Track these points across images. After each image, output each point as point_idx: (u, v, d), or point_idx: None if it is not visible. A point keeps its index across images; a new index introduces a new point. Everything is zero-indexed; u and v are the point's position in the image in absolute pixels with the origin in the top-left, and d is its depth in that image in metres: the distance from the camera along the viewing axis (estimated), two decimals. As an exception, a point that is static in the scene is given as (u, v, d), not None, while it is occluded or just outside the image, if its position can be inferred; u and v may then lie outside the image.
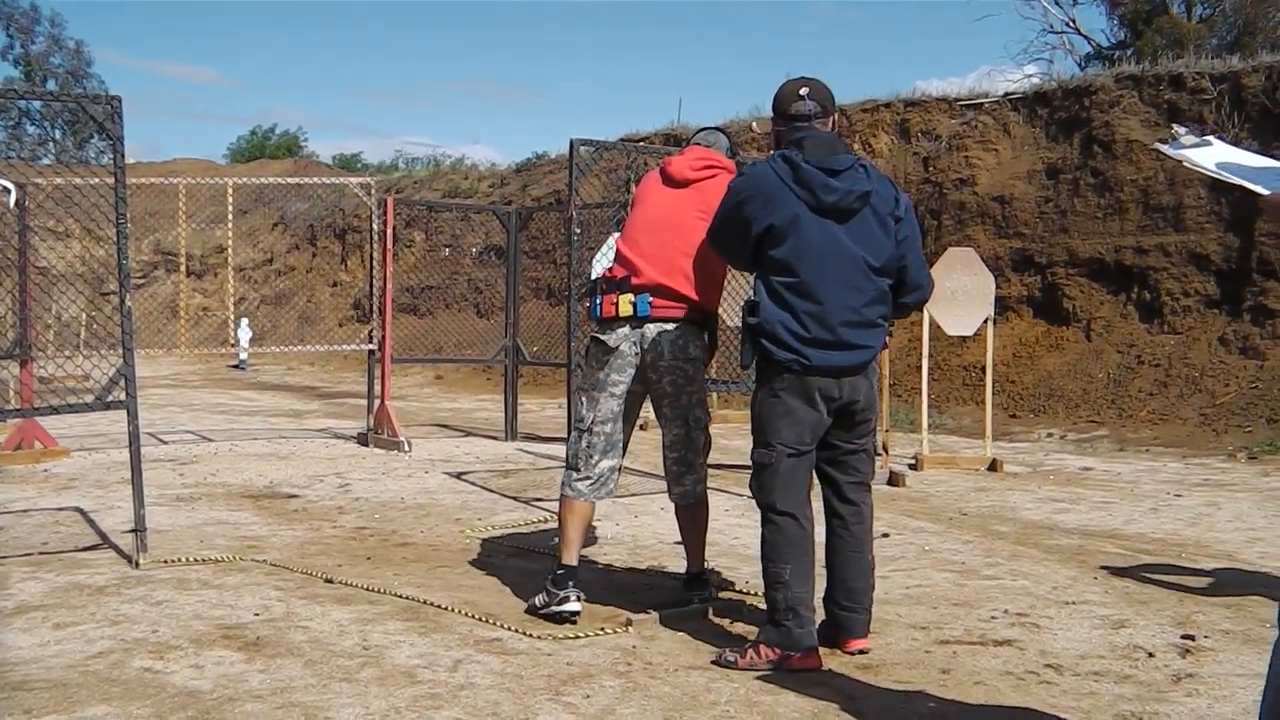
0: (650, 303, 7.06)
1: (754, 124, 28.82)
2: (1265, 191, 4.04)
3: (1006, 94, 25.03)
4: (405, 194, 38.59)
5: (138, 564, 8.41)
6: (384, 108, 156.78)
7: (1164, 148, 4.64)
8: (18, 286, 14.69)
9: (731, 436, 16.32)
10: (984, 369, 15.17)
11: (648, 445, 15.21)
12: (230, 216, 18.97)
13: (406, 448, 15.47)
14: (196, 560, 8.60)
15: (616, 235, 12.64)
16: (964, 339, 18.48)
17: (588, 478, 7.10)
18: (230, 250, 20.10)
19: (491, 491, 12.22)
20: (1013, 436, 18.27)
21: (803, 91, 6.48)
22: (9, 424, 15.50)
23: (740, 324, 6.39)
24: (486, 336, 26.19)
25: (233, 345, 28.85)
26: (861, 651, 6.38)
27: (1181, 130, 4.61)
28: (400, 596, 7.53)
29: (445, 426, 19.54)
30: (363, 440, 16.49)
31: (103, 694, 5.61)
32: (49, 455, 14.43)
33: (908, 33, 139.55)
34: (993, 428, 15.26)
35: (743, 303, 6.53)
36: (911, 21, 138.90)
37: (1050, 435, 18.33)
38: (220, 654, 6.24)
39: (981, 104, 24.88)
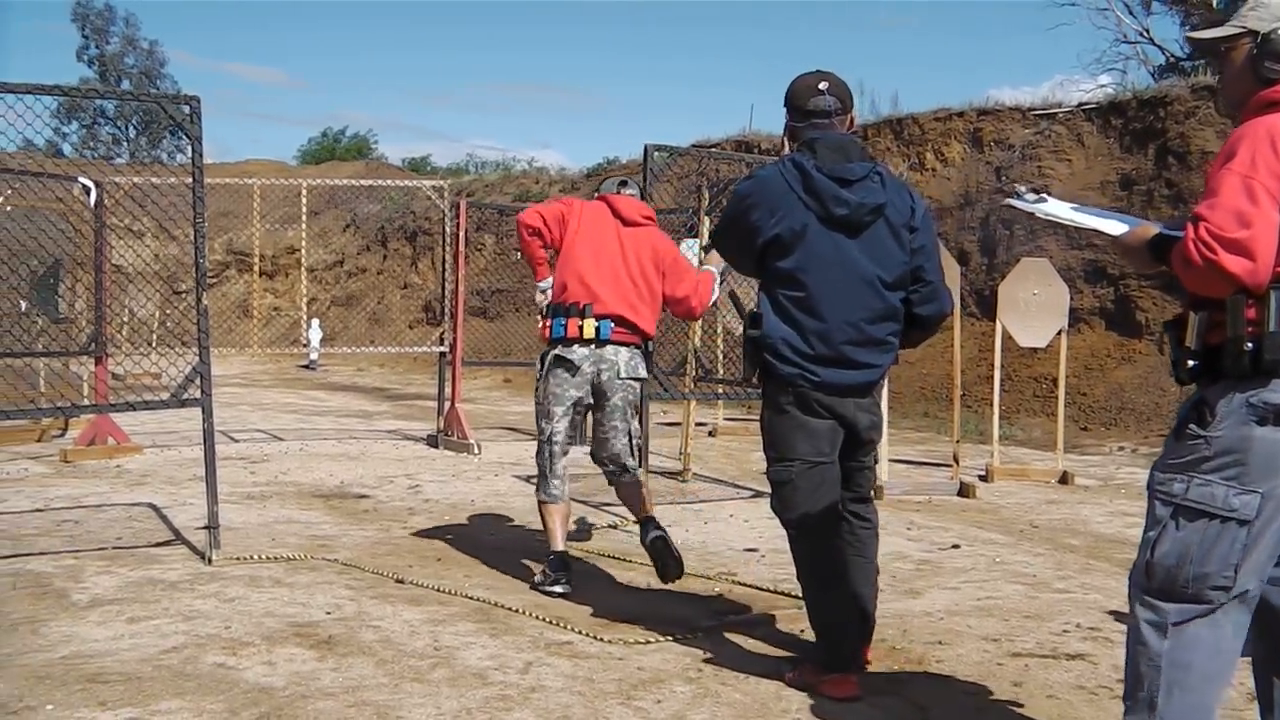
0: (611, 329, 7.93)
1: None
2: (1119, 232, 4.40)
3: (1080, 104, 24.86)
4: (476, 197, 38.57)
5: (210, 560, 8.47)
6: (453, 111, 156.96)
7: (1015, 202, 4.75)
8: (95, 284, 14.82)
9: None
10: (1055, 380, 15.07)
11: (716, 451, 15.23)
12: (304, 217, 19.11)
13: (476, 450, 15.49)
14: (268, 558, 8.66)
15: (688, 242, 12.80)
16: (1035, 350, 18.35)
17: (558, 479, 8.13)
18: (303, 251, 20.24)
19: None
20: (1083, 449, 18.14)
21: (822, 86, 6.11)
22: (83, 419, 15.65)
23: (743, 334, 6.22)
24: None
25: (304, 345, 28.96)
26: (864, 661, 6.19)
27: (1022, 188, 4.74)
28: (471, 598, 7.55)
29: (514, 430, 19.56)
30: (432, 442, 16.54)
31: (176, 688, 5.65)
32: (122, 451, 14.55)
33: (980, 40, 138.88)
34: (1064, 440, 15.16)
35: (747, 314, 6.27)
36: (984, 29, 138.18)
37: (1122, 448, 18.18)
38: (292, 651, 6.27)
39: (1055, 114, 24.73)
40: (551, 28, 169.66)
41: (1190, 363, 4.17)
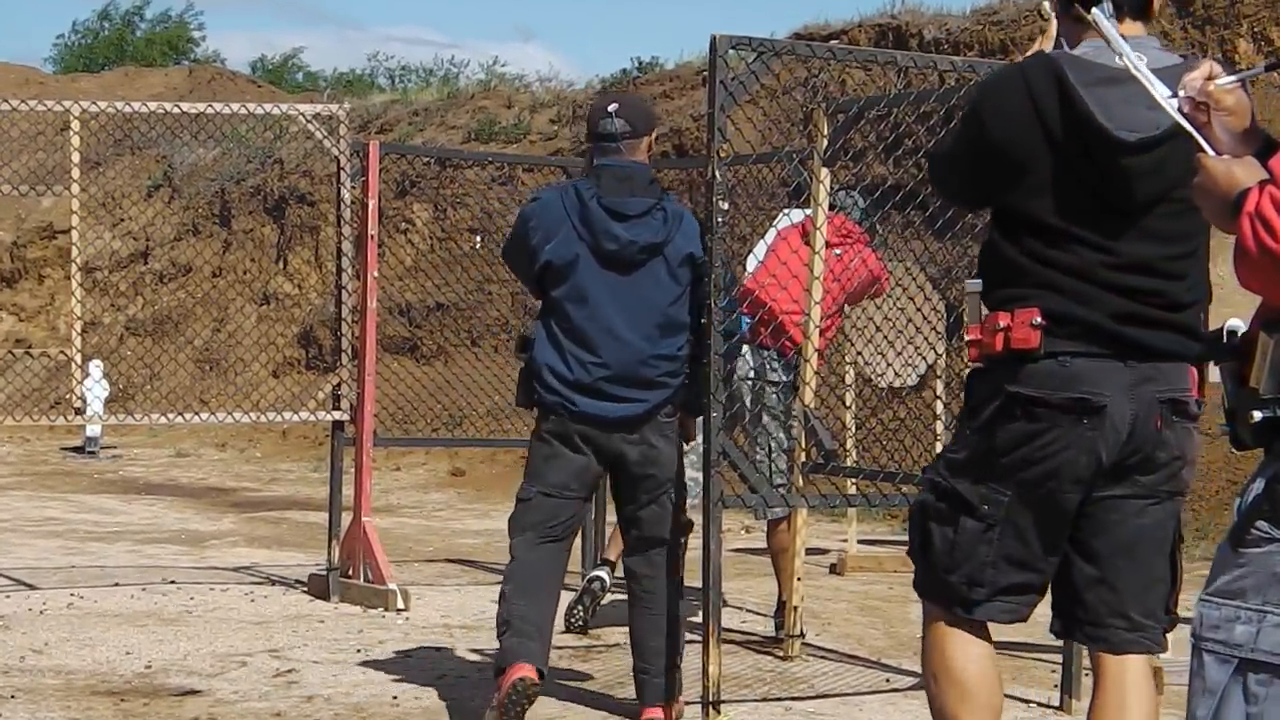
0: None
1: (1044, 4, 28.83)
2: (1206, 146, 4.79)
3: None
4: (397, 135, 38.78)
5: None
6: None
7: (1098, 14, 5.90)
8: None
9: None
10: None
11: (846, 603, 15.25)
12: (74, 170, 18.87)
13: (399, 602, 15.50)
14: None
15: (792, 214, 13.18)
16: None
17: None
18: (75, 233, 19.85)
19: (557, 683, 12.18)
20: None
21: (611, 108, 9.85)
22: None
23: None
24: (547, 398, 26.06)
25: (76, 410, 28.56)
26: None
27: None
28: None
29: (468, 563, 19.60)
30: (319, 588, 16.56)
31: None
32: None
33: None
34: None
35: (517, 338, 10.50)
36: None
37: None
38: None
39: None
40: None
41: (1256, 414, 4.51)
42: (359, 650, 13.55)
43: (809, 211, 13.41)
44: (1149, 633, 7.07)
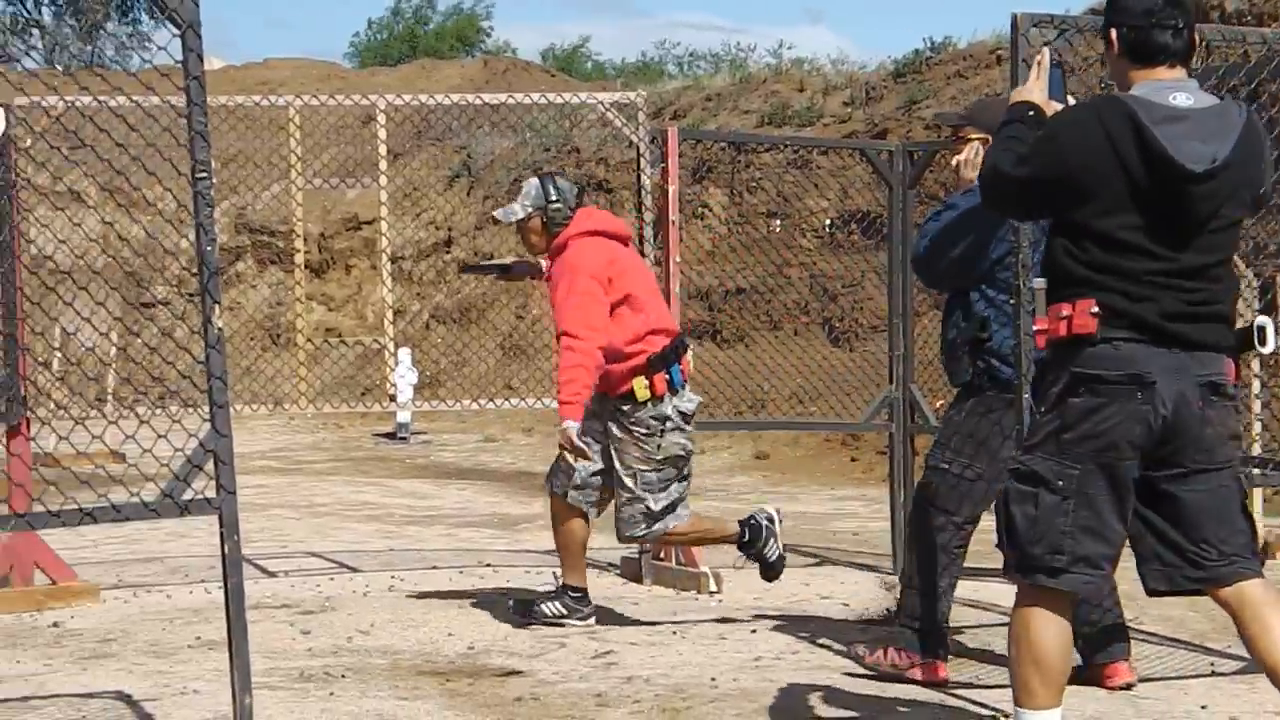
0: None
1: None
2: None
3: None
4: (691, 121, 38.62)
5: (239, 798, 8.46)
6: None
7: None
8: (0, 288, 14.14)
9: None
10: None
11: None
12: (381, 163, 18.70)
13: (712, 585, 15.46)
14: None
15: None
16: None
17: None
18: (383, 224, 19.60)
19: (882, 677, 12.07)
20: None
21: None
22: (-13, 540, 15.03)
23: (954, 339, 11.84)
24: (851, 381, 25.88)
25: (390, 397, 28.29)
26: (1127, 685, 11.04)
27: None
28: None
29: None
30: (632, 571, 16.62)
31: None
32: (61, 596, 14.43)
33: None
34: None
35: (966, 320, 11.84)
36: None
37: None
38: None
39: None
40: None
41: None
42: (674, 632, 13.59)
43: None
44: (1247, 562, 8.45)
